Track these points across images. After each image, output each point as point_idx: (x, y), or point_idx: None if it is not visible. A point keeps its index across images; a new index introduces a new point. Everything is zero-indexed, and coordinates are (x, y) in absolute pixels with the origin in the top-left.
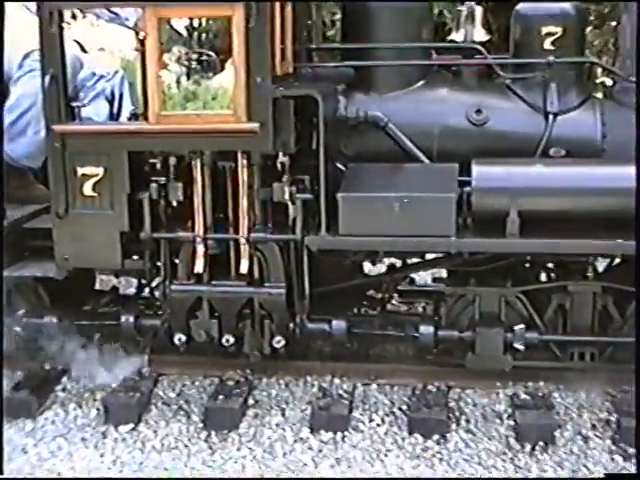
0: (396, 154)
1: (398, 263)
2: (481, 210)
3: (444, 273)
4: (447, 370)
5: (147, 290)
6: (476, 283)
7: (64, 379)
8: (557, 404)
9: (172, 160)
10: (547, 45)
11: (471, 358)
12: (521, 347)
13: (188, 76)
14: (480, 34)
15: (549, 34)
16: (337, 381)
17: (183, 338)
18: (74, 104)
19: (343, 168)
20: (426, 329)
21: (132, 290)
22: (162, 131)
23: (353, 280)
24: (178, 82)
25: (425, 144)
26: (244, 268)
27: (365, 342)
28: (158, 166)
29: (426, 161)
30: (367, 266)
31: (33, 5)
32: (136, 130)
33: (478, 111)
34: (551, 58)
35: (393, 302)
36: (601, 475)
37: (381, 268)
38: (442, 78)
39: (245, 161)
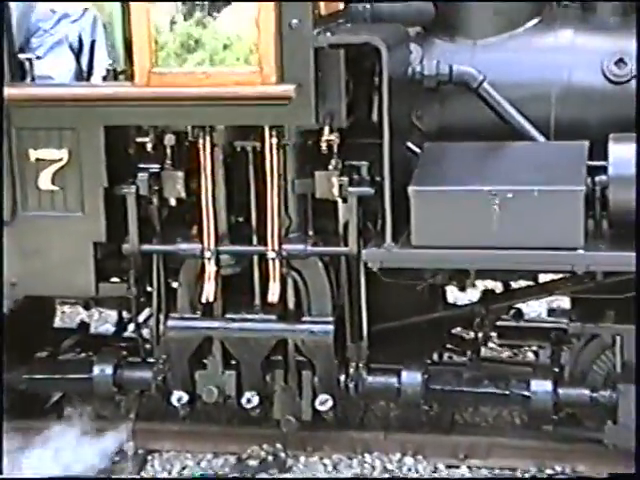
0: (495, 128)
1: (498, 288)
2: (622, 209)
3: (566, 303)
4: (574, 448)
5: (131, 328)
6: (616, 318)
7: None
8: None
9: (169, 139)
10: None
11: (611, 430)
12: None
13: (188, 14)
14: None
15: None
16: (409, 460)
17: (185, 397)
18: (24, 56)
19: (417, 149)
20: (541, 385)
21: (109, 328)
22: (154, 96)
23: (432, 313)
24: (173, 23)
25: (538, 112)
26: (274, 295)
27: (450, 403)
28: (149, 147)
29: (539, 138)
30: (452, 292)
31: None
32: (116, 95)
33: (620, 62)
34: None
35: (491, 345)
36: None
37: (473, 295)
38: (565, 14)
39: (275, 140)
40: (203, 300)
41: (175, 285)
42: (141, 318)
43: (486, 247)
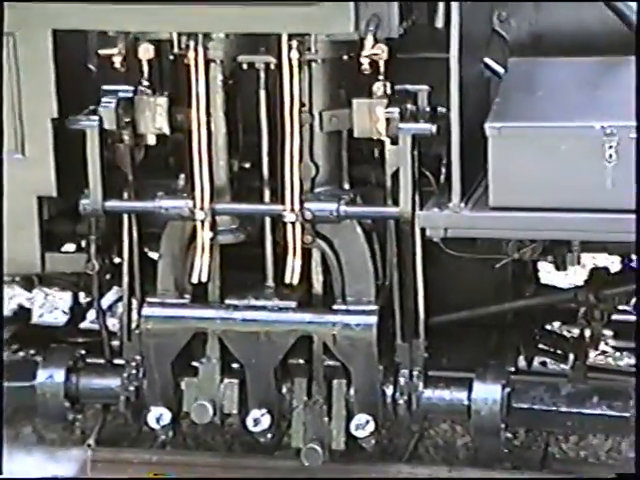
0: (614, 37)
1: (614, 265)
2: None
3: None
4: None
5: (91, 316)
6: None
7: None
8: None
9: (145, 50)
10: None
11: None
12: None
13: None
14: None
15: None
16: None
17: (166, 416)
18: None
19: (498, 68)
20: None
21: (59, 316)
22: None
23: (517, 300)
24: None
25: None
26: (294, 273)
27: (542, 430)
28: (117, 63)
29: None
30: (547, 271)
31: None
32: None
33: None
34: None
35: (604, 348)
36: None
37: (576, 276)
38: None
39: (297, 54)
40: (194, 279)
41: (154, 257)
42: (105, 303)
43: (596, 209)
